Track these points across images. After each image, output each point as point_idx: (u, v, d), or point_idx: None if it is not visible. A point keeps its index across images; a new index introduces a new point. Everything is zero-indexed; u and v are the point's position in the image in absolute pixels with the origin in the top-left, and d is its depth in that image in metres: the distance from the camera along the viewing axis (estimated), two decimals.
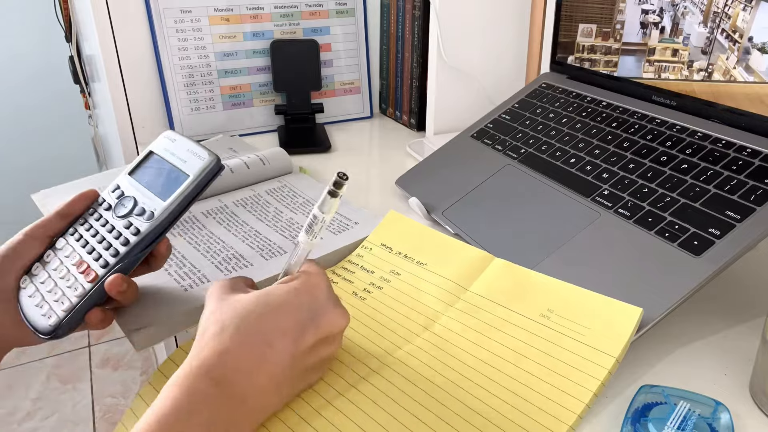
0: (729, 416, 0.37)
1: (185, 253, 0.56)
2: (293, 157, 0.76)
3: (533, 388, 0.39)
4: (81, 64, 1.33)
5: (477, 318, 0.46)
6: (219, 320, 0.36)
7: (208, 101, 0.91)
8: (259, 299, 0.37)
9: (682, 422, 0.37)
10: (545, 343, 0.42)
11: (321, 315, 0.39)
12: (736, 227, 0.44)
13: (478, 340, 0.44)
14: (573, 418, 0.37)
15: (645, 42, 0.61)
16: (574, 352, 0.41)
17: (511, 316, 0.45)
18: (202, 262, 0.55)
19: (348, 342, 0.46)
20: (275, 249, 0.57)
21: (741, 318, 0.49)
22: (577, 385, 0.39)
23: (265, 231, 0.60)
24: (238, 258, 0.55)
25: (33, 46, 1.75)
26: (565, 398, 0.38)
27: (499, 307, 0.46)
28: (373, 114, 1.05)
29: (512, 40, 0.86)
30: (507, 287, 0.47)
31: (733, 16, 0.52)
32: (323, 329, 0.38)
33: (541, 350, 0.42)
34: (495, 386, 0.40)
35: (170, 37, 0.87)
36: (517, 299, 0.46)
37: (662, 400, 0.38)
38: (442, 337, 0.45)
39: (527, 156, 0.63)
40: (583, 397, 0.38)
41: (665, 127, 0.57)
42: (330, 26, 0.97)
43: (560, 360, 0.41)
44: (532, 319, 0.44)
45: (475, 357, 0.43)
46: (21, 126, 1.82)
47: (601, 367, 0.39)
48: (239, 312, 0.37)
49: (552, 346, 0.42)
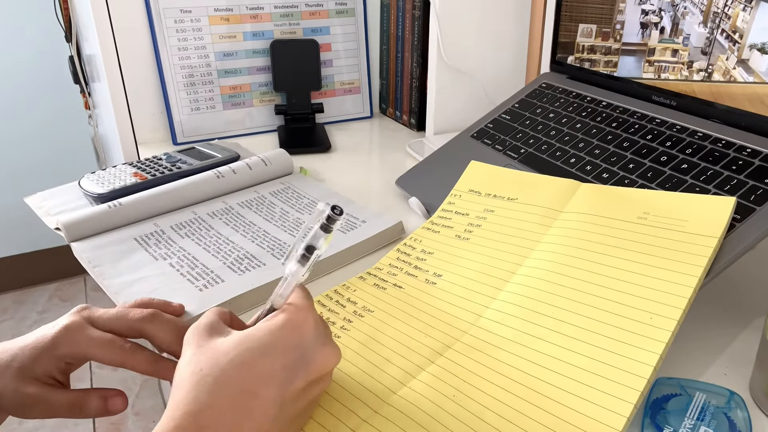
0: (744, 405, 0.38)
1: (196, 254, 0.56)
2: (293, 157, 0.77)
3: (638, 283, 0.41)
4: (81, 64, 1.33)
5: (576, 232, 0.48)
6: (196, 372, 0.32)
7: (208, 101, 0.91)
8: (240, 344, 0.33)
9: (700, 413, 0.37)
10: (648, 238, 0.44)
11: (310, 355, 0.35)
12: (736, 227, 0.44)
13: (580, 254, 0.45)
14: (689, 291, 0.39)
15: (645, 42, 0.61)
16: (676, 240, 0.43)
17: (610, 222, 0.47)
18: (214, 263, 0.55)
19: (458, 280, 0.49)
20: (286, 248, 0.57)
21: (741, 318, 0.49)
22: (683, 264, 0.41)
23: (273, 231, 0.60)
24: (250, 258, 0.55)
25: (33, 46, 1.75)
26: (673, 277, 0.41)
27: (597, 217, 0.48)
28: (373, 114, 1.05)
29: (512, 41, 0.86)
30: (599, 203, 0.49)
31: (733, 17, 0.52)
32: (313, 371, 0.35)
33: (645, 244, 0.44)
34: (600, 299, 0.42)
35: (170, 37, 0.87)
36: (612, 210, 0.48)
37: (678, 392, 0.39)
38: (544, 267, 0.47)
39: (527, 156, 0.63)
40: (693, 272, 0.40)
41: (665, 127, 0.57)
42: (330, 26, 0.98)
43: (664, 248, 0.43)
44: (631, 221, 0.46)
45: (582, 270, 0.44)
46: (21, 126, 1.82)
47: (706, 247, 0.41)
48: (219, 360, 0.33)
49: (654, 240, 0.44)
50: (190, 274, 0.53)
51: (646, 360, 0.36)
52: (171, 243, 0.58)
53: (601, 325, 0.40)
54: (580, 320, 0.40)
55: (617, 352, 0.37)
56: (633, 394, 0.35)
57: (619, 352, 0.37)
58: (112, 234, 0.60)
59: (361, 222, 0.61)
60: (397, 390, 0.40)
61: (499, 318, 0.44)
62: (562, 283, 0.44)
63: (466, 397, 0.38)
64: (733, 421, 0.37)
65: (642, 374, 0.36)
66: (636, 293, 0.40)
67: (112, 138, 1.01)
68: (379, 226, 0.60)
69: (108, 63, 0.84)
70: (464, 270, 0.50)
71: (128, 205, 0.62)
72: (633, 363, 0.36)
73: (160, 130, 0.91)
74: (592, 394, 0.36)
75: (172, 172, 0.71)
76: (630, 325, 0.39)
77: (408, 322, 0.46)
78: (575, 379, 0.37)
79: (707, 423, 0.36)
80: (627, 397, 0.35)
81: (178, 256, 0.56)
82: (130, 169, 0.71)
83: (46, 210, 0.65)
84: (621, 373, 0.36)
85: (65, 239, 0.59)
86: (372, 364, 0.42)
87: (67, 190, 0.70)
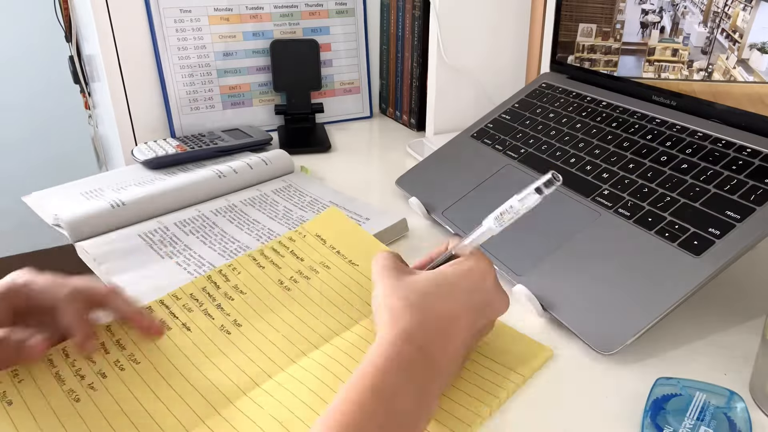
0: (744, 405, 0.38)
1: (202, 253, 0.56)
2: (293, 156, 0.77)
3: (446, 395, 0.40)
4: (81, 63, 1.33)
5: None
6: (403, 297, 0.38)
7: (208, 101, 0.91)
8: (438, 279, 0.39)
9: (700, 413, 0.37)
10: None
11: (491, 299, 0.41)
12: (736, 227, 0.44)
13: None
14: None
15: (645, 42, 0.61)
16: (487, 367, 0.42)
17: None
18: (220, 261, 0.55)
19: (268, 333, 0.45)
20: None
21: (741, 318, 0.49)
22: (486, 394, 0.40)
23: (278, 228, 0.60)
24: None
25: (33, 46, 1.75)
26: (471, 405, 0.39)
27: None
28: (373, 114, 1.05)
29: (512, 40, 0.86)
30: None
31: (733, 16, 0.52)
32: (490, 313, 0.41)
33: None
34: None
35: (170, 36, 0.87)
36: None
37: (678, 392, 0.39)
38: (356, 343, 0.44)
39: (527, 156, 0.63)
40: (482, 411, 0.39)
41: (665, 126, 0.57)
42: (330, 26, 0.97)
43: (472, 372, 0.42)
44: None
45: None
46: (21, 126, 1.82)
47: (512, 383, 0.41)
48: (423, 290, 0.38)
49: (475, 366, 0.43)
50: (197, 272, 0.53)
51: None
52: (176, 241, 0.58)
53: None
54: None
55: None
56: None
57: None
58: (116, 232, 0.60)
59: (364, 219, 0.61)
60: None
61: (266, 402, 0.39)
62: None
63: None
64: (733, 421, 0.37)
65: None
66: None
67: (112, 138, 1.01)
68: (383, 223, 0.60)
69: (108, 63, 0.84)
70: (266, 327, 0.45)
71: (131, 204, 0.62)
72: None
73: (159, 129, 0.90)
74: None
75: (209, 147, 0.80)
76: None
77: (172, 383, 0.41)
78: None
79: (707, 423, 0.36)
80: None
81: (184, 255, 0.56)
82: (175, 142, 0.81)
83: (45, 209, 0.65)
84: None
85: (69, 238, 0.59)
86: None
87: (66, 189, 0.70)
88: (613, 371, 0.43)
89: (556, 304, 0.47)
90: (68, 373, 0.41)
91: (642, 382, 0.41)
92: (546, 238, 0.52)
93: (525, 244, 0.53)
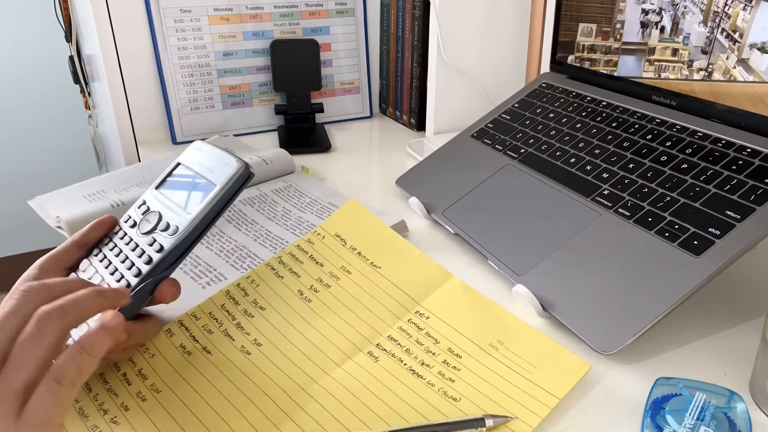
0: (744, 405, 0.38)
1: (198, 253, 0.57)
2: (293, 157, 0.77)
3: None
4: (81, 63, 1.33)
5: (421, 338, 0.44)
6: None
7: (208, 101, 0.91)
8: None
9: (700, 413, 0.37)
10: (487, 372, 0.41)
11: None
12: (736, 227, 0.44)
13: (417, 363, 0.42)
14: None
15: (645, 41, 0.61)
16: (517, 386, 0.40)
17: (460, 340, 0.43)
18: (218, 261, 0.55)
19: (288, 351, 0.44)
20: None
21: (741, 318, 0.49)
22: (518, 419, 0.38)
23: (276, 230, 0.60)
24: (253, 257, 0.56)
25: (33, 46, 1.75)
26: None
27: (449, 328, 0.44)
28: (373, 114, 1.05)
29: (512, 40, 0.86)
30: (458, 311, 0.46)
31: (733, 16, 0.52)
32: None
33: (482, 379, 0.41)
34: (430, 413, 0.39)
35: (170, 36, 0.87)
36: (468, 324, 0.44)
37: (678, 392, 0.39)
38: (380, 358, 0.43)
39: (527, 156, 0.63)
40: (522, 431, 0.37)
41: (665, 126, 0.57)
42: (330, 26, 0.97)
43: (501, 391, 0.40)
44: (480, 346, 0.43)
45: (414, 379, 0.41)
46: (21, 126, 1.82)
47: (544, 405, 0.39)
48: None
49: (496, 379, 0.41)
50: (193, 272, 0.53)
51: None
52: None
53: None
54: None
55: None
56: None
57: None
58: None
59: None
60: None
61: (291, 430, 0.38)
62: (380, 393, 0.40)
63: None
64: (733, 421, 0.37)
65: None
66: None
67: (112, 138, 1.01)
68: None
69: (108, 63, 0.84)
70: (287, 346, 0.44)
71: (131, 204, 0.62)
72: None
73: (159, 130, 0.91)
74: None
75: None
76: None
77: (196, 412, 0.39)
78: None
79: (707, 423, 0.36)
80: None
81: None
82: None
83: (49, 213, 0.65)
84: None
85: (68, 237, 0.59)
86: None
87: (69, 192, 0.70)
88: (613, 371, 0.43)
89: (556, 304, 0.47)
90: (91, 408, 0.40)
91: (642, 382, 0.41)
92: (546, 238, 0.52)
93: (525, 244, 0.53)
